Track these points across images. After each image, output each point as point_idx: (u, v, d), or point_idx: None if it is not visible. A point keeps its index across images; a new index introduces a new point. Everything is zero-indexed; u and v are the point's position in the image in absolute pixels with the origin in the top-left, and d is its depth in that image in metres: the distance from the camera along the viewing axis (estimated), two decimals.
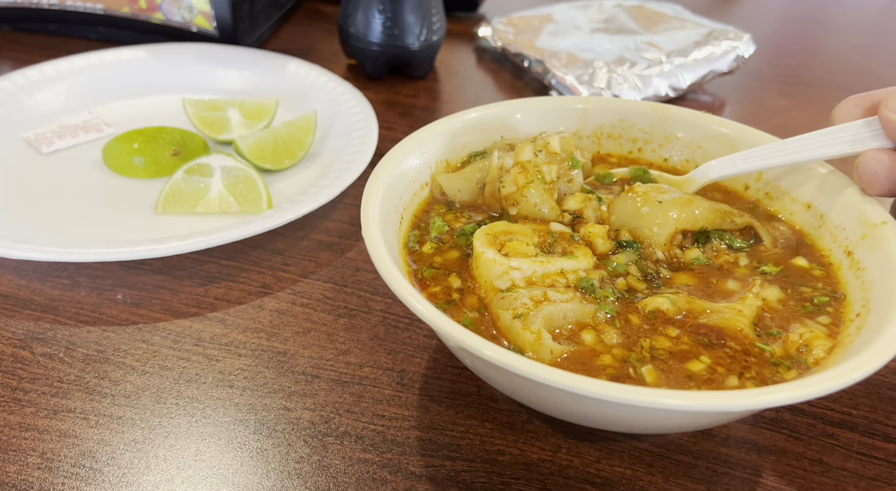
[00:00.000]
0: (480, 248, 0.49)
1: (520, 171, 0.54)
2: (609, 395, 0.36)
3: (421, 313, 0.41)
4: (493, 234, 0.50)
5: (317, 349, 0.56)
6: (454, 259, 0.52)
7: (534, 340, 0.43)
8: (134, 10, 0.98)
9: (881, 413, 0.51)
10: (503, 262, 0.47)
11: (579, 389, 0.37)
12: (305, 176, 0.75)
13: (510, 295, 0.46)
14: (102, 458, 0.47)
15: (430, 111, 0.92)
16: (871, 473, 0.47)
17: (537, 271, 0.47)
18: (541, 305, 0.45)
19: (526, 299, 0.45)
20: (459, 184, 0.57)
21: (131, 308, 0.59)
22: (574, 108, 0.62)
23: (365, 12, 0.91)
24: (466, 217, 0.56)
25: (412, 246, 0.53)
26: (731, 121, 0.60)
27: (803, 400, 0.35)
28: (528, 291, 0.46)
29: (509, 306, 0.45)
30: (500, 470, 0.47)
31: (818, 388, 0.35)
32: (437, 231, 0.54)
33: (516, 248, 0.49)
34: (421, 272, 0.51)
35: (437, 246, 0.53)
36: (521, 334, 0.44)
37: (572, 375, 0.37)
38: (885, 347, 0.38)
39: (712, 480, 0.47)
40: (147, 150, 0.74)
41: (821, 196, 0.54)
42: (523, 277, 0.47)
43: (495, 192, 0.55)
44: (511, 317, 0.44)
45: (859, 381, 0.36)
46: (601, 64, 0.91)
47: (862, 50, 1.10)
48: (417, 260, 0.52)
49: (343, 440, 0.49)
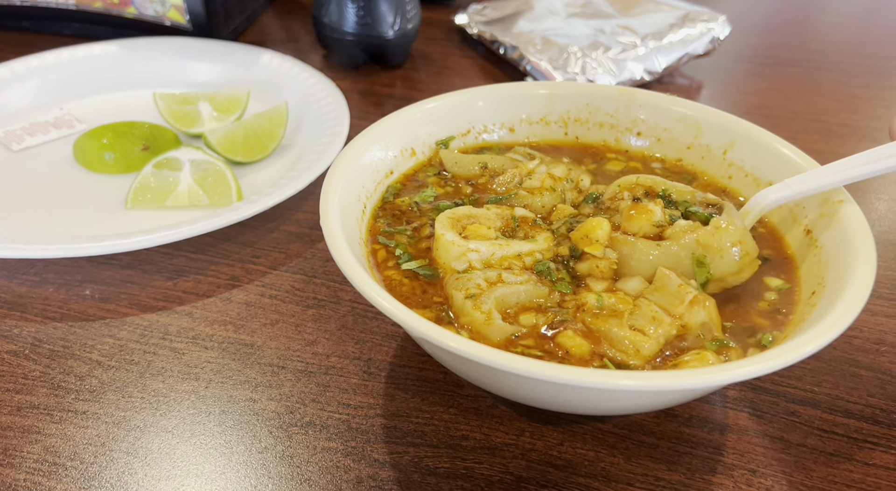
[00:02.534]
0: (441, 230, 0.49)
1: (549, 177, 0.56)
2: (561, 377, 0.36)
3: (373, 299, 0.41)
4: (456, 217, 0.51)
5: (284, 340, 0.56)
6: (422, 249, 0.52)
7: (483, 320, 0.44)
8: (106, 5, 0.97)
9: (843, 390, 0.52)
10: (461, 243, 0.48)
11: (529, 371, 0.37)
12: (277, 167, 0.75)
13: (465, 276, 0.47)
14: (65, 453, 0.47)
15: (406, 100, 0.91)
16: (830, 448, 0.48)
17: (496, 254, 0.48)
18: (494, 287, 0.45)
19: (480, 280, 0.46)
20: (458, 158, 0.59)
21: (99, 303, 0.59)
22: (538, 94, 0.62)
23: (338, 2, 0.90)
24: (453, 186, 0.58)
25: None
26: (694, 102, 0.60)
27: (744, 379, 0.35)
28: (484, 273, 0.46)
29: (462, 287, 0.46)
30: (464, 455, 0.48)
31: (758, 367, 0.36)
32: (422, 198, 0.55)
33: (476, 231, 0.49)
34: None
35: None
36: (472, 314, 0.44)
37: (524, 358, 0.37)
38: (834, 323, 0.38)
39: (673, 460, 0.47)
40: (117, 146, 0.74)
41: (783, 177, 0.54)
42: (480, 259, 0.47)
43: (507, 180, 0.57)
44: (463, 297, 0.45)
45: (803, 358, 0.36)
46: (576, 49, 0.91)
47: (837, 29, 1.10)
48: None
49: (308, 430, 0.49)
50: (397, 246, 0.51)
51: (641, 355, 0.43)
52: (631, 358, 0.43)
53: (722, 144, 0.59)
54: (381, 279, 0.49)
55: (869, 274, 0.42)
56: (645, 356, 0.43)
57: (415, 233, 0.53)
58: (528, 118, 0.64)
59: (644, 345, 0.42)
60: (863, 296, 0.40)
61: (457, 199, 0.56)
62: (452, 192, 0.57)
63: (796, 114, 0.87)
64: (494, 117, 0.63)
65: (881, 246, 0.66)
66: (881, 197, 0.74)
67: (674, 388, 0.36)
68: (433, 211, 0.55)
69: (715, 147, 0.59)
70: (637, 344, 0.43)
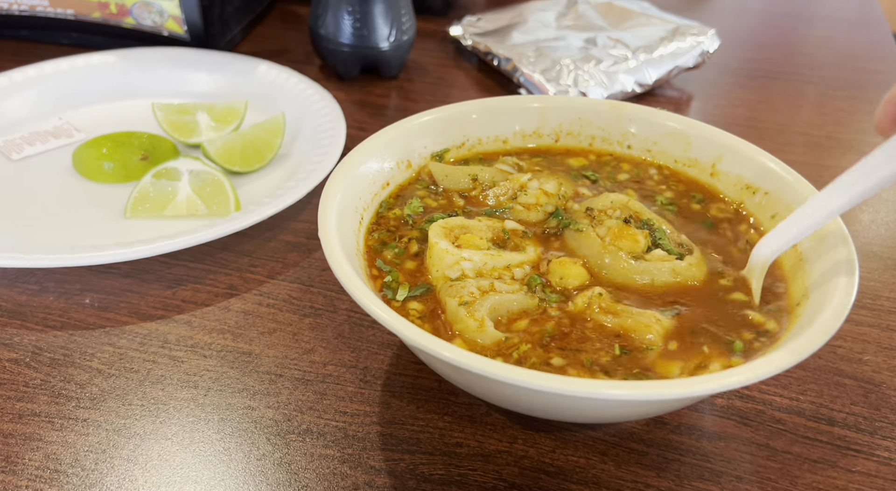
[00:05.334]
0: (434, 238, 0.51)
1: (542, 193, 0.58)
2: (553, 387, 0.38)
3: (370, 310, 0.42)
4: (450, 227, 0.52)
5: (282, 349, 0.57)
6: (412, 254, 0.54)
7: (476, 327, 0.45)
8: (104, 16, 0.98)
9: (827, 398, 0.53)
10: (455, 252, 0.49)
11: (521, 381, 0.38)
12: (274, 177, 0.76)
13: (458, 283, 0.48)
14: (66, 460, 0.48)
15: (402, 110, 0.93)
16: (815, 455, 0.49)
17: (487, 263, 0.49)
18: (487, 295, 0.47)
19: (473, 289, 0.47)
20: (448, 171, 0.60)
21: (99, 312, 0.60)
22: (531, 108, 0.63)
23: (335, 14, 0.92)
24: (445, 199, 0.59)
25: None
26: (683, 116, 0.62)
27: (728, 389, 0.37)
28: (476, 281, 0.48)
29: (456, 294, 0.47)
30: (458, 462, 0.49)
31: (739, 378, 0.37)
32: (412, 210, 0.56)
33: (469, 240, 0.51)
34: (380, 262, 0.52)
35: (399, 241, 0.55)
36: (465, 321, 0.46)
37: (517, 368, 0.39)
38: (813, 338, 0.40)
39: (662, 467, 0.48)
40: (116, 156, 0.75)
41: (764, 182, 0.56)
42: (473, 268, 0.49)
43: (501, 194, 0.58)
44: (457, 304, 0.47)
45: (784, 371, 0.38)
46: (568, 61, 0.92)
47: (824, 42, 1.12)
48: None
49: (305, 437, 0.50)
50: (390, 272, 0.52)
51: (662, 326, 0.46)
52: (649, 333, 0.45)
53: (711, 158, 0.60)
54: (376, 288, 0.50)
55: (849, 288, 0.43)
56: (665, 327, 0.46)
57: (404, 250, 0.53)
58: (522, 131, 0.65)
59: (657, 318, 0.46)
60: (841, 312, 0.41)
61: (450, 211, 0.58)
62: (445, 204, 0.58)
63: (783, 126, 0.89)
64: (489, 130, 0.64)
65: (864, 257, 0.68)
66: (864, 208, 0.75)
67: (659, 398, 0.37)
68: (426, 222, 0.56)
69: (704, 161, 0.61)
70: (650, 320, 0.45)
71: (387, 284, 0.51)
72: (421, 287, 0.50)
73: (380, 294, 0.50)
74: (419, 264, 0.52)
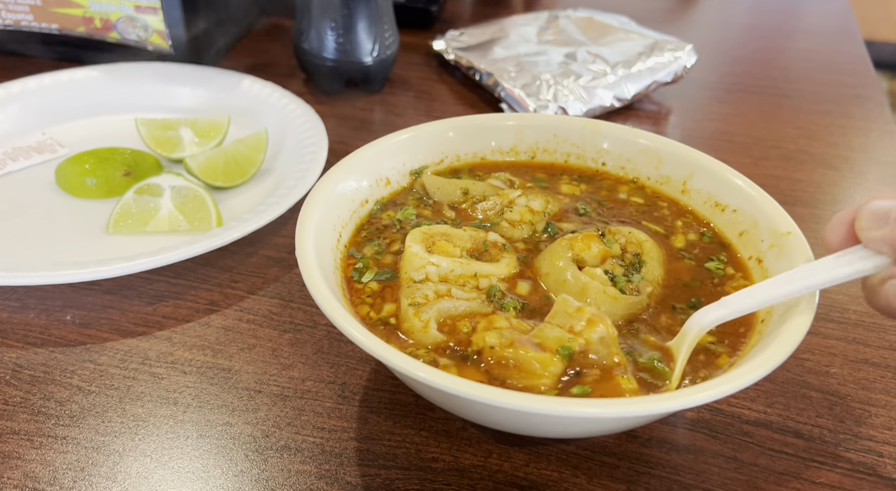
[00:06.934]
0: (409, 242, 0.53)
1: (528, 211, 0.59)
2: (518, 405, 0.39)
3: (343, 328, 0.43)
4: (430, 233, 0.54)
5: (261, 365, 0.58)
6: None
7: (420, 328, 0.47)
8: (89, 30, 0.99)
9: (794, 411, 0.54)
10: (424, 256, 0.51)
11: (488, 399, 0.39)
12: (257, 193, 0.77)
13: (416, 285, 0.50)
14: (45, 478, 0.48)
15: (385, 124, 0.94)
16: (780, 467, 0.50)
17: (455, 270, 0.51)
18: (440, 299, 0.49)
19: (429, 292, 0.49)
20: (440, 184, 0.62)
21: (80, 329, 0.60)
22: (507, 126, 0.65)
23: (318, 29, 0.93)
24: (436, 210, 0.60)
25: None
26: (655, 134, 0.63)
27: (689, 407, 0.38)
28: (436, 286, 0.49)
29: (410, 295, 0.49)
30: (433, 477, 0.49)
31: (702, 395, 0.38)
32: (404, 216, 0.59)
33: (443, 247, 0.53)
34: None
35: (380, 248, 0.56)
36: (412, 320, 0.48)
37: (482, 386, 0.40)
38: (772, 356, 0.41)
39: (633, 480, 0.49)
40: (99, 171, 0.75)
41: (731, 200, 0.58)
42: (438, 273, 0.51)
43: (489, 208, 0.60)
44: (407, 304, 0.49)
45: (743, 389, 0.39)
46: (548, 76, 0.94)
47: (801, 55, 1.14)
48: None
49: (283, 453, 0.51)
50: (361, 259, 0.55)
51: (551, 372, 0.44)
52: (538, 379, 0.44)
53: (682, 175, 0.62)
54: (353, 309, 0.51)
55: (808, 311, 0.44)
56: (554, 373, 0.44)
57: (386, 248, 0.56)
58: (499, 148, 0.66)
59: (552, 361, 0.45)
60: (802, 328, 0.43)
61: (440, 220, 0.59)
62: (434, 215, 0.60)
63: (758, 140, 0.91)
64: (466, 147, 0.65)
65: None
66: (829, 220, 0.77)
67: (624, 415, 0.38)
68: (413, 228, 0.57)
69: (675, 178, 0.62)
70: (544, 363, 0.44)
71: (357, 269, 0.54)
72: (387, 272, 0.53)
73: (349, 279, 0.53)
74: (395, 262, 0.54)
